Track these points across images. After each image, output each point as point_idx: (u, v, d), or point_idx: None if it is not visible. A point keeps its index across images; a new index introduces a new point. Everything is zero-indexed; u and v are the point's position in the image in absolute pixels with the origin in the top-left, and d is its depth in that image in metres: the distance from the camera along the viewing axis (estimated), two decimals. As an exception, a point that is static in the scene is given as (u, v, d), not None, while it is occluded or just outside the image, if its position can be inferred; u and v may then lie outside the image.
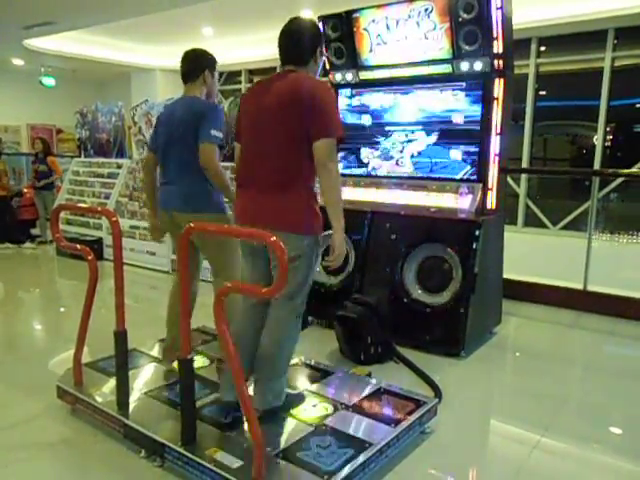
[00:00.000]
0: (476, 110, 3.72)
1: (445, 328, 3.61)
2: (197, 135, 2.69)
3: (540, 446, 2.55)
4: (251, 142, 2.40)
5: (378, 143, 4.23)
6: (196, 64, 2.90)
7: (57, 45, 10.29)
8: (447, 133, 3.88)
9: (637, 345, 4.05)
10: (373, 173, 4.28)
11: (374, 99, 4.22)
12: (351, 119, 4.34)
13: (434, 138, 3.94)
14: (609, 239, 8.03)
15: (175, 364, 2.48)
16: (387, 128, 4.17)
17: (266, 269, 2.42)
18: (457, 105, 3.80)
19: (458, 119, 3.81)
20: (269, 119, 2.29)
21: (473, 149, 3.76)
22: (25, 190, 8.20)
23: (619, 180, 8.04)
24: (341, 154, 4.44)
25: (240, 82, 12.11)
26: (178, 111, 2.84)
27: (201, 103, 2.86)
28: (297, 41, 2.39)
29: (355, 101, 4.32)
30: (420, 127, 4.00)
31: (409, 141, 4.07)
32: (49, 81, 12.02)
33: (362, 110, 4.29)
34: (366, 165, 4.31)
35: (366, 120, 4.27)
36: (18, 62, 11.73)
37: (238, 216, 2.46)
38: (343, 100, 4.38)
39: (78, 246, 2.81)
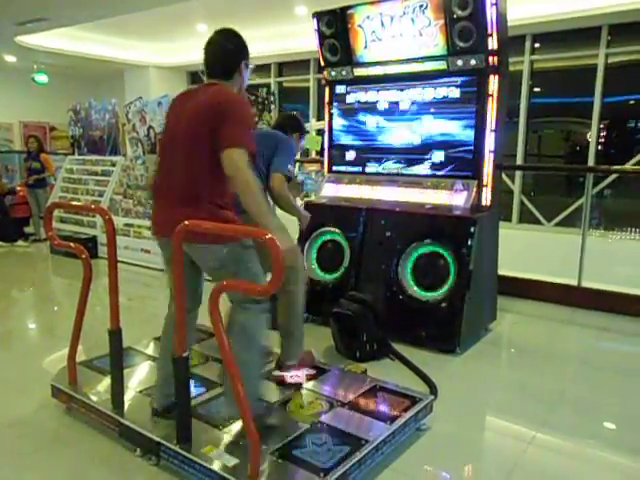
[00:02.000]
0: (471, 107, 3.72)
1: (440, 325, 3.62)
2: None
3: (535, 442, 2.56)
4: (167, 153, 2.38)
5: (373, 140, 4.22)
6: None
7: (50, 42, 10.22)
8: (442, 129, 3.87)
9: (631, 341, 4.07)
10: (368, 170, 4.27)
11: (368, 95, 4.21)
12: (345, 115, 4.33)
13: (429, 135, 3.94)
14: (603, 235, 8.07)
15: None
16: (382, 125, 4.16)
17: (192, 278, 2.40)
18: (452, 102, 3.80)
19: (453, 116, 3.81)
20: (183, 131, 2.26)
21: (468, 146, 3.76)
22: (18, 188, 8.16)
23: (613, 176, 8.08)
24: (336, 151, 4.44)
25: (234, 79, 12.06)
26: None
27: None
28: (221, 55, 2.37)
29: (349, 98, 4.31)
30: (415, 123, 4.00)
31: (403, 138, 4.06)
32: (42, 78, 11.95)
33: (356, 107, 4.28)
34: (361, 162, 4.30)
35: (360, 116, 4.26)
36: (10, 59, 11.64)
37: (154, 228, 2.41)
38: (338, 97, 4.37)
39: (72, 244, 2.79)
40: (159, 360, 2.60)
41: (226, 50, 2.36)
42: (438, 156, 3.91)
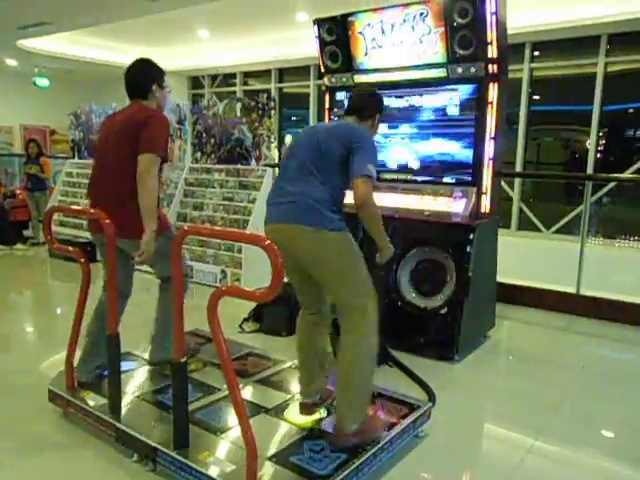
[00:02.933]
0: (470, 114, 3.73)
1: (439, 331, 3.62)
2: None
3: (534, 450, 2.55)
4: (98, 160, 2.84)
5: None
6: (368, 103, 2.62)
7: (51, 46, 10.26)
8: (441, 137, 3.88)
9: (630, 349, 4.06)
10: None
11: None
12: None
13: (428, 141, 3.95)
14: (602, 243, 8.08)
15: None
16: (381, 132, 4.16)
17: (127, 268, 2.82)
18: (451, 109, 3.81)
19: (452, 123, 3.82)
20: (111, 142, 2.70)
21: (467, 153, 3.77)
22: (18, 191, 8.15)
23: (612, 184, 8.09)
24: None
25: (235, 84, 12.11)
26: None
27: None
28: (135, 80, 2.83)
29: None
30: (414, 130, 4.01)
31: (403, 145, 4.08)
32: (43, 82, 11.98)
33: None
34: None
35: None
36: (12, 63, 11.67)
37: (88, 223, 2.88)
38: (338, 104, 4.38)
39: (71, 248, 2.80)
40: (90, 332, 2.82)
41: (137, 76, 2.84)
42: (437, 163, 3.92)
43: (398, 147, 4.10)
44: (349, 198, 2.39)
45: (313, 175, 2.31)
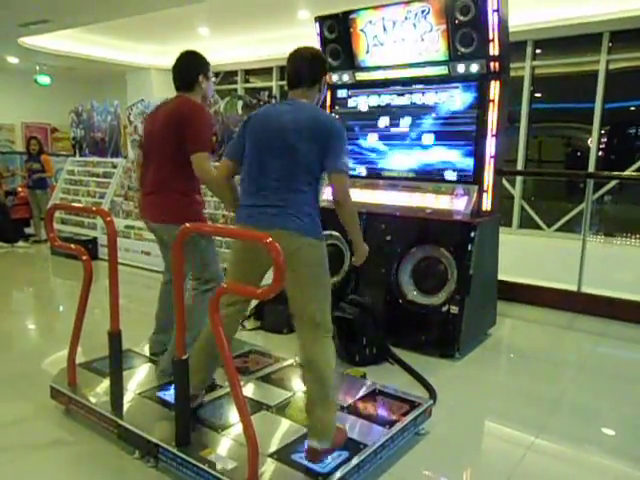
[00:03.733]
0: (472, 112, 3.72)
1: (440, 329, 3.62)
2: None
3: (534, 447, 2.56)
4: (146, 152, 2.94)
5: (373, 144, 4.23)
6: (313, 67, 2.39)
7: (52, 43, 10.24)
8: (443, 134, 3.88)
9: (631, 347, 4.06)
10: (368, 174, 4.28)
11: (370, 100, 4.22)
12: (347, 120, 4.34)
13: (430, 139, 3.95)
14: (603, 241, 8.07)
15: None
16: (383, 129, 4.17)
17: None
18: (453, 107, 3.81)
19: (454, 121, 3.82)
20: (157, 134, 2.82)
21: (469, 151, 3.76)
22: (19, 189, 8.16)
23: (613, 183, 8.08)
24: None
25: (236, 82, 12.10)
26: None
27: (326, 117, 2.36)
28: (182, 72, 2.88)
29: (351, 102, 4.32)
30: (415, 128, 4.01)
31: (404, 142, 4.07)
32: (44, 79, 11.97)
33: (358, 111, 4.29)
34: (361, 166, 4.31)
35: (361, 121, 4.27)
36: (13, 60, 11.67)
37: (140, 211, 3.06)
38: (339, 101, 4.38)
39: (72, 246, 2.80)
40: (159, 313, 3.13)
41: (184, 67, 2.89)
42: (439, 161, 3.91)
43: (399, 145, 4.10)
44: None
45: (291, 180, 2.20)
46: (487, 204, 3.76)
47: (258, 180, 2.26)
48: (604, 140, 8.32)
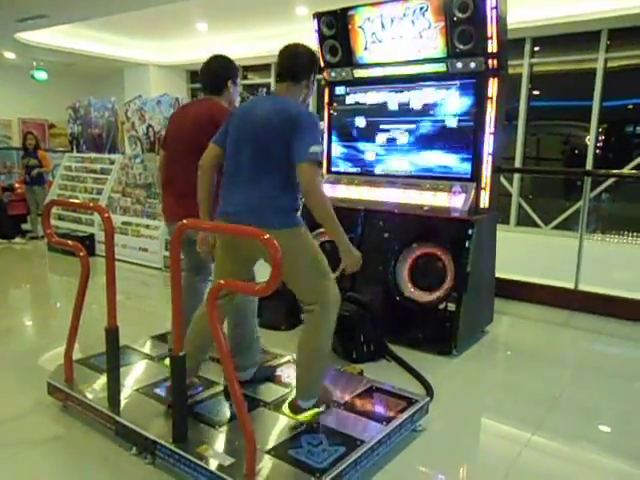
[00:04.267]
0: (470, 109, 3.72)
1: (437, 326, 3.63)
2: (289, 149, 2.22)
3: (531, 445, 2.56)
4: (171, 154, 2.92)
5: (372, 141, 4.23)
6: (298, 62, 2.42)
7: (50, 39, 10.21)
8: (441, 132, 3.88)
9: (627, 344, 4.08)
10: (366, 171, 4.28)
11: (368, 97, 4.22)
12: (345, 117, 4.34)
13: (428, 136, 3.94)
14: (600, 239, 8.09)
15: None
16: (381, 126, 4.17)
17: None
18: (451, 104, 3.81)
19: (452, 118, 3.82)
20: (185, 135, 2.80)
21: (467, 148, 3.76)
22: (16, 185, 8.14)
23: (610, 180, 8.10)
24: (335, 152, 4.45)
25: (234, 78, 12.06)
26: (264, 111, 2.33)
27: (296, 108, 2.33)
28: (211, 75, 2.89)
29: (349, 99, 4.32)
30: (414, 125, 4.01)
31: (402, 139, 4.07)
32: (41, 75, 11.93)
33: (356, 108, 4.28)
34: (359, 163, 4.31)
35: (360, 118, 4.26)
36: (10, 56, 11.62)
37: (164, 215, 3.03)
38: (337, 98, 4.37)
39: (70, 242, 2.79)
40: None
41: (213, 71, 2.89)
42: (436, 158, 3.92)
43: (397, 142, 4.10)
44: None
45: (264, 177, 2.24)
46: (485, 201, 3.76)
47: (233, 175, 2.33)
48: (602, 138, 8.33)
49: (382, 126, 4.16)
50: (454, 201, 3.77)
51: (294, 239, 2.25)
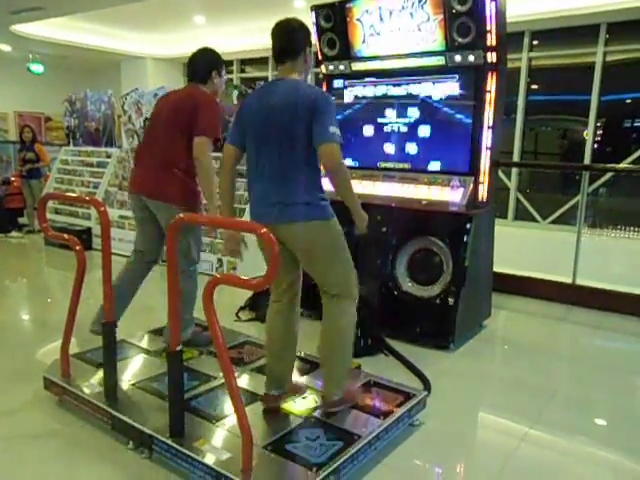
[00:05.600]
0: (468, 103, 3.70)
1: (435, 321, 3.62)
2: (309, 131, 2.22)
3: (528, 438, 2.57)
4: (151, 130, 3.10)
5: (370, 135, 4.21)
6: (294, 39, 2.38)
7: (46, 31, 10.13)
8: (439, 125, 3.86)
9: (625, 339, 4.08)
10: (364, 165, 4.26)
11: (367, 90, 4.19)
12: (343, 111, 4.31)
13: (426, 130, 3.93)
14: (598, 233, 8.09)
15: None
16: (379, 120, 4.15)
17: (155, 233, 3.09)
18: (449, 98, 3.79)
19: (450, 112, 3.80)
20: (165, 116, 2.97)
21: (465, 142, 3.74)
22: (12, 178, 8.10)
23: (609, 175, 8.09)
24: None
25: (232, 72, 12.02)
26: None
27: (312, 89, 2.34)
28: (196, 65, 3.07)
29: (347, 92, 4.29)
30: (412, 119, 3.99)
31: (401, 133, 4.05)
32: (37, 68, 11.86)
33: (354, 102, 4.26)
34: (357, 157, 4.29)
35: (358, 112, 4.24)
36: (5, 48, 11.54)
37: (130, 184, 3.13)
38: (335, 92, 4.35)
39: (66, 236, 2.77)
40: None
41: (199, 61, 3.08)
42: (435, 152, 3.90)
43: (395, 135, 4.08)
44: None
45: (290, 170, 2.26)
46: (483, 196, 3.75)
47: (259, 171, 2.32)
48: (600, 132, 8.32)
49: (380, 120, 4.14)
50: (452, 195, 3.76)
51: (326, 231, 2.32)
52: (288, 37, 2.36)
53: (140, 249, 3.22)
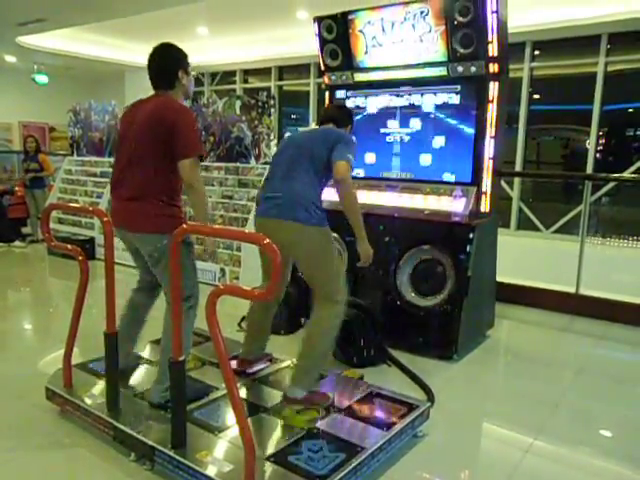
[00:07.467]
0: (471, 113, 3.72)
1: (438, 331, 3.61)
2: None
3: (532, 449, 2.55)
4: (120, 156, 2.65)
5: (372, 145, 4.22)
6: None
7: (51, 42, 10.23)
8: (441, 136, 3.87)
9: (629, 349, 4.06)
10: (367, 175, 4.26)
11: (369, 101, 4.21)
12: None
13: (428, 140, 3.94)
14: (601, 243, 8.07)
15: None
16: (381, 130, 4.16)
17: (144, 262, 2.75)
18: (452, 108, 3.80)
19: (452, 122, 3.81)
20: (135, 137, 2.54)
21: (467, 152, 3.75)
22: (16, 188, 8.13)
23: (611, 184, 8.09)
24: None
25: (235, 82, 12.09)
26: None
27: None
28: (159, 68, 2.63)
29: (349, 102, 4.31)
30: (414, 130, 4.00)
31: (403, 143, 4.07)
32: (42, 79, 11.95)
33: (356, 112, 4.27)
34: (360, 167, 4.30)
35: (360, 122, 4.25)
36: (11, 59, 11.64)
37: (111, 217, 2.62)
38: (337, 102, 4.36)
39: (69, 246, 2.78)
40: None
41: (161, 63, 2.62)
42: (437, 162, 3.91)
43: (397, 146, 4.09)
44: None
45: (299, 174, 2.58)
46: (486, 205, 3.75)
47: (272, 176, 2.74)
48: (602, 142, 8.33)
49: (382, 130, 4.15)
50: (455, 205, 3.76)
51: (323, 237, 2.58)
52: (338, 113, 3.01)
53: (140, 278, 2.93)
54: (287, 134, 2.98)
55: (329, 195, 2.68)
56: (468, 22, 3.54)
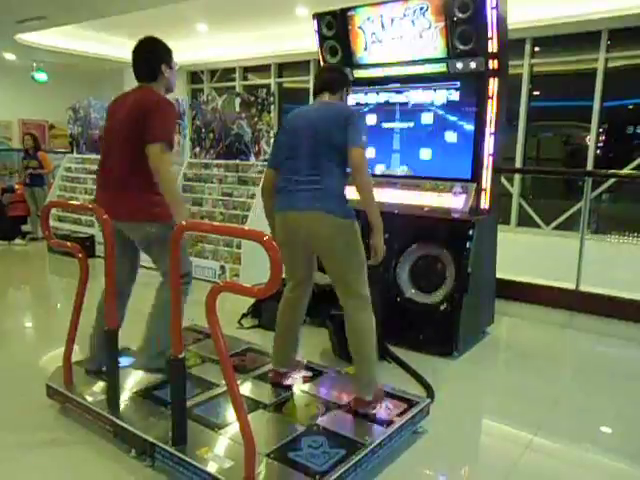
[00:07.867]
0: (470, 110, 3.71)
1: (438, 328, 3.61)
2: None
3: (532, 446, 2.55)
4: (104, 146, 2.78)
5: (372, 142, 4.20)
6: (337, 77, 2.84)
7: (50, 40, 10.21)
8: (441, 132, 3.87)
9: (629, 345, 4.06)
10: (367, 172, 4.26)
11: (369, 98, 4.21)
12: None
13: (428, 137, 3.93)
14: (601, 239, 8.07)
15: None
16: (381, 127, 4.16)
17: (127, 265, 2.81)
18: (451, 104, 3.80)
19: (452, 118, 3.81)
20: (119, 128, 2.65)
21: (467, 149, 3.75)
22: (16, 186, 8.13)
23: (611, 181, 8.08)
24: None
25: (234, 79, 12.07)
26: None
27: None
28: (144, 60, 2.74)
29: (349, 99, 4.28)
30: (414, 126, 3.99)
31: (403, 140, 4.06)
32: (41, 76, 11.93)
33: (356, 109, 4.27)
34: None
35: (360, 119, 4.25)
36: (10, 57, 11.62)
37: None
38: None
39: (68, 244, 2.78)
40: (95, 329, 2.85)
41: (145, 56, 2.74)
42: (437, 158, 3.91)
43: (397, 142, 4.09)
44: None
45: (327, 166, 2.51)
46: (485, 202, 3.75)
47: (292, 172, 2.57)
48: (602, 138, 8.32)
49: (382, 126, 4.15)
50: (454, 202, 3.76)
51: (357, 231, 2.56)
52: (332, 77, 2.80)
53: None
54: (289, 117, 2.74)
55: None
56: (468, 18, 3.53)
